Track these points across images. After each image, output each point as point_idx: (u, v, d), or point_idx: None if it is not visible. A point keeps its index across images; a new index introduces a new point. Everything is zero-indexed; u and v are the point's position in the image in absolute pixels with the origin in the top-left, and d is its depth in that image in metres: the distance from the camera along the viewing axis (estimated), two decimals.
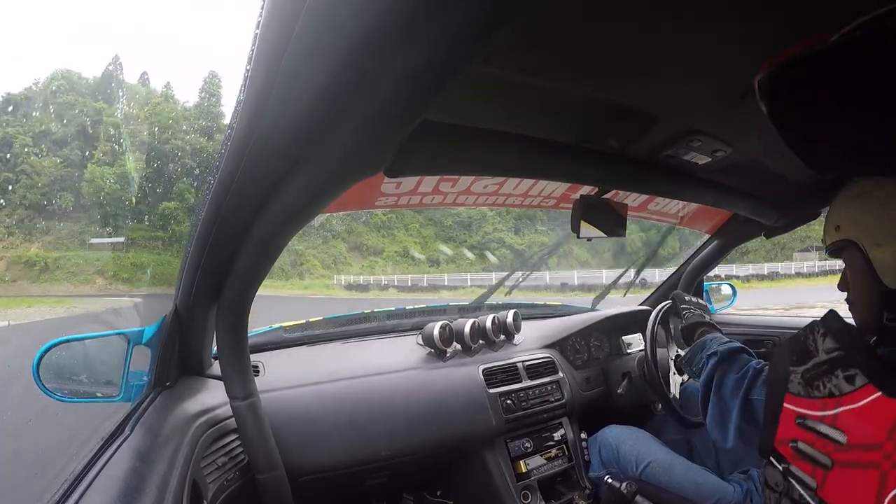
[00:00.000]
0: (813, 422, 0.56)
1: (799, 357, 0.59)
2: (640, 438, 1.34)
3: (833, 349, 0.56)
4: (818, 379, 0.56)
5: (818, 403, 0.56)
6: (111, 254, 29.56)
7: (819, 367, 0.57)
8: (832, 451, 0.54)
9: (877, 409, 0.50)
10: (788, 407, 0.59)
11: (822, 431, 0.55)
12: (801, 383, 0.58)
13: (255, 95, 0.46)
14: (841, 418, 0.53)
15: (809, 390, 0.57)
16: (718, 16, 0.49)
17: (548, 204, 1.23)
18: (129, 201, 32.29)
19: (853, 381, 0.53)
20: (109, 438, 0.80)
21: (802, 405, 0.58)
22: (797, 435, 0.58)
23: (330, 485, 1.19)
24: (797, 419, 0.58)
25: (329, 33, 0.37)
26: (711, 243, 1.73)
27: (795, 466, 0.57)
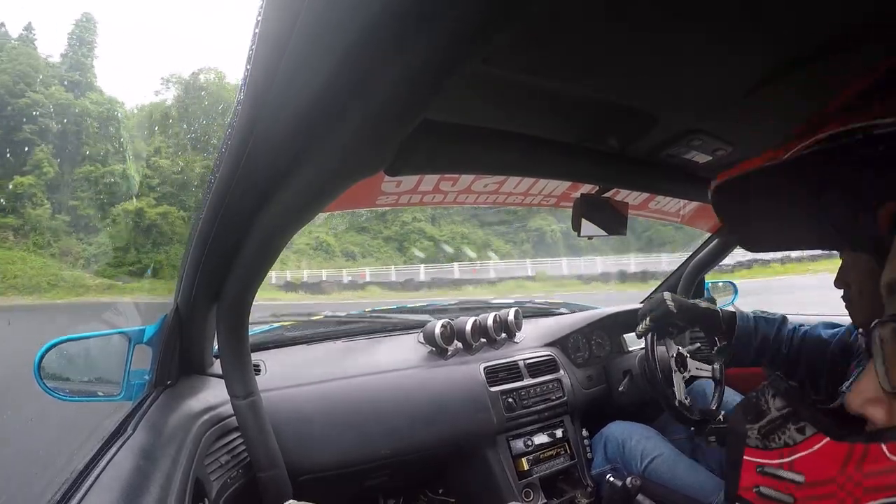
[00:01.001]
0: (772, 468, 0.63)
1: (754, 416, 0.67)
2: (646, 435, 1.34)
3: (783, 407, 0.64)
4: (773, 433, 0.64)
5: (775, 453, 0.63)
6: None
7: (773, 422, 0.64)
8: (794, 490, 0.61)
9: (827, 451, 0.58)
10: (748, 459, 0.66)
11: (781, 476, 0.62)
12: (758, 437, 0.66)
13: (254, 95, 0.46)
14: (797, 463, 0.61)
15: (766, 443, 0.64)
16: (719, 15, 0.49)
17: (548, 203, 1.23)
18: None
19: (804, 431, 0.61)
20: (112, 437, 0.80)
21: (761, 456, 0.65)
22: (759, 481, 0.64)
23: (331, 483, 1.19)
24: (758, 468, 0.65)
25: (328, 33, 0.37)
26: (712, 242, 1.73)
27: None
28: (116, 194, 26.01)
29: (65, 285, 22.01)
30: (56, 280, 22.07)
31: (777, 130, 0.79)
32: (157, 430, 0.83)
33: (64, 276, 22.37)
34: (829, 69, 0.59)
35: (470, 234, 27.63)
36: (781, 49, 0.56)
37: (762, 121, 0.77)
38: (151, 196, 26.02)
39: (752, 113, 0.73)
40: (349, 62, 0.38)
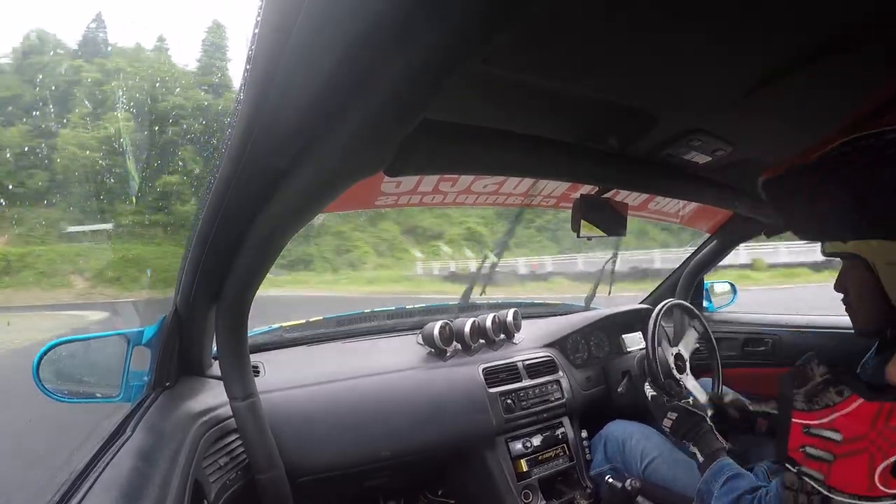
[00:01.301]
0: (815, 429, 0.72)
1: (799, 382, 0.75)
2: (646, 434, 1.34)
3: (825, 373, 0.73)
4: (816, 395, 0.73)
5: (817, 414, 0.72)
6: (94, 246, 21.68)
7: (816, 387, 0.73)
8: (832, 448, 0.69)
9: (861, 411, 0.67)
10: (796, 421, 0.74)
11: (823, 435, 0.70)
12: (803, 401, 0.74)
13: (254, 95, 0.46)
14: (836, 422, 0.70)
15: (811, 405, 0.73)
16: (719, 15, 0.49)
17: (548, 203, 1.23)
18: (114, 177, 24.03)
19: (842, 393, 0.70)
20: (111, 438, 0.80)
21: (806, 417, 0.73)
22: (805, 441, 0.73)
23: (330, 485, 1.19)
24: (804, 429, 0.73)
25: (328, 33, 0.37)
26: (711, 243, 1.73)
27: (806, 467, 0.72)
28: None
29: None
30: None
31: (777, 130, 0.79)
32: (155, 431, 0.83)
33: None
34: (829, 69, 0.59)
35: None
36: (781, 49, 0.56)
37: (762, 121, 0.77)
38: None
39: (752, 113, 0.73)
40: (349, 62, 0.38)
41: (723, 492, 0.97)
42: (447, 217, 27.88)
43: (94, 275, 20.22)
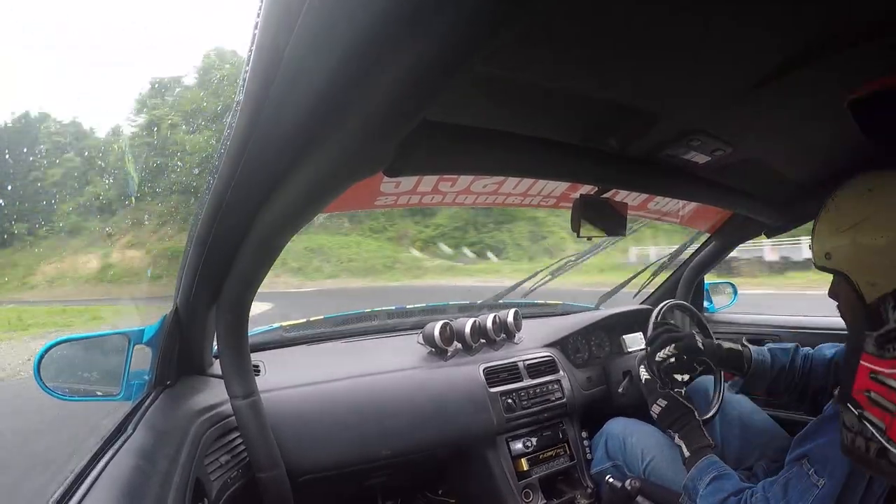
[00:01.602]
0: (884, 377, 0.69)
1: (873, 324, 0.72)
2: (647, 432, 1.34)
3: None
4: (889, 343, 0.69)
5: (888, 363, 0.69)
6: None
7: (889, 333, 0.69)
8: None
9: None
10: (864, 364, 0.72)
11: (890, 384, 0.68)
12: (874, 345, 0.71)
13: (253, 95, 0.46)
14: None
15: (882, 352, 0.70)
16: (719, 14, 0.49)
17: (548, 203, 1.23)
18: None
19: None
20: (111, 437, 0.80)
21: (875, 363, 0.70)
22: (871, 386, 0.70)
23: (331, 484, 1.19)
24: (871, 374, 0.70)
25: (328, 33, 0.37)
26: (711, 243, 1.73)
27: (868, 412, 0.70)
28: None
29: (401, 267, 20.38)
30: (391, 262, 20.73)
31: (777, 130, 0.79)
32: (156, 430, 0.83)
33: (400, 258, 20.88)
34: (830, 69, 0.60)
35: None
36: (781, 49, 0.56)
37: (762, 121, 0.77)
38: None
39: (751, 113, 0.73)
40: (349, 63, 0.38)
41: (708, 491, 0.97)
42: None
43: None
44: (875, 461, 0.69)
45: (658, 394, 1.19)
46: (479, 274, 16.87)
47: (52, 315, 13.87)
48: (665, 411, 1.16)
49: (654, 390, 1.20)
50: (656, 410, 1.18)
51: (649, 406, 1.21)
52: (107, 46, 59.64)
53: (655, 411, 1.18)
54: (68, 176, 29.42)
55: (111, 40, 61.33)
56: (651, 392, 1.21)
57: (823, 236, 0.81)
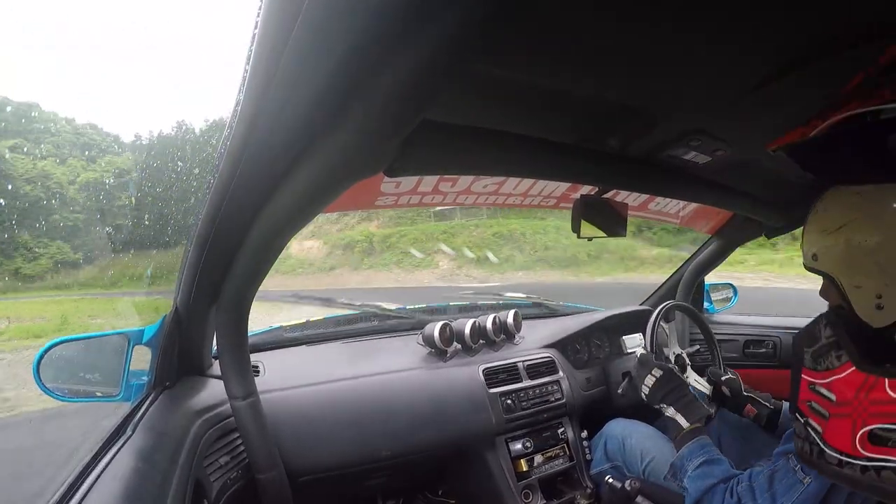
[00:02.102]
0: (818, 387, 0.77)
1: (809, 341, 0.80)
2: (646, 433, 1.34)
3: (830, 336, 0.76)
4: (821, 357, 0.77)
5: (821, 374, 0.77)
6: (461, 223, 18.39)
7: (822, 348, 0.77)
8: (828, 406, 0.75)
9: (850, 378, 0.72)
10: (804, 377, 0.80)
11: (822, 393, 0.76)
12: (811, 359, 0.79)
13: (253, 96, 0.46)
14: (833, 384, 0.75)
15: (816, 364, 0.78)
16: (720, 15, 0.49)
17: (548, 203, 1.23)
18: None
19: (841, 358, 0.74)
20: (111, 438, 0.80)
21: (812, 375, 0.78)
22: (810, 397, 0.78)
23: (331, 485, 1.19)
24: (809, 385, 0.79)
25: (328, 33, 0.37)
26: (711, 244, 1.73)
27: (811, 419, 0.78)
28: None
29: (609, 257, 15.56)
30: (598, 251, 15.83)
31: (777, 130, 0.79)
32: (156, 431, 0.83)
33: (609, 247, 15.57)
34: (830, 69, 0.59)
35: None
36: (781, 49, 0.56)
37: (762, 121, 0.77)
38: None
39: (752, 113, 0.73)
40: (349, 63, 0.38)
41: (697, 474, 0.98)
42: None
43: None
44: (818, 463, 0.76)
45: (652, 364, 1.18)
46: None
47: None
48: (659, 382, 1.15)
49: (648, 362, 1.20)
50: (649, 382, 1.17)
51: (640, 382, 1.20)
52: (107, 46, 59.70)
53: (648, 383, 1.17)
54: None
55: (111, 40, 61.37)
56: (644, 364, 1.21)
57: (811, 237, 0.84)
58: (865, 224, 0.76)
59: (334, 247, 19.95)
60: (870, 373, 0.70)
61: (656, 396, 1.15)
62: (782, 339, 1.69)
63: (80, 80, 60.76)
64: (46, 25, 64.27)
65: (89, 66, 60.76)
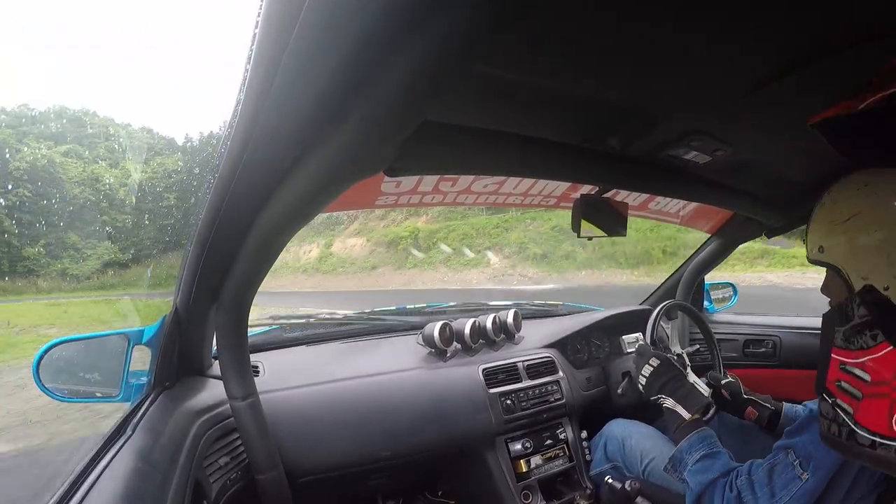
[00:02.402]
0: (850, 367, 0.75)
1: (841, 320, 0.78)
2: (646, 434, 1.34)
3: (864, 315, 0.74)
4: (854, 336, 0.75)
5: (853, 354, 0.75)
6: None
7: (854, 327, 0.75)
8: (861, 387, 0.73)
9: (888, 358, 0.70)
10: (834, 356, 0.78)
11: (855, 373, 0.74)
12: (842, 339, 0.77)
13: (254, 95, 0.46)
14: (866, 364, 0.72)
15: (848, 344, 0.76)
16: (720, 15, 0.49)
17: (548, 203, 1.23)
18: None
19: (876, 338, 0.72)
20: (111, 438, 0.80)
21: (843, 355, 0.76)
22: (840, 377, 0.76)
23: (330, 485, 1.19)
24: (840, 365, 0.77)
25: (329, 34, 0.36)
26: (712, 243, 1.73)
27: (840, 399, 0.76)
28: None
29: (686, 252, 4.28)
30: (673, 245, 12.43)
31: (777, 131, 0.79)
32: (156, 431, 0.83)
33: (685, 240, 10.83)
34: (830, 69, 0.59)
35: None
36: (781, 49, 0.56)
37: (762, 121, 0.77)
38: None
39: (752, 113, 0.73)
40: (350, 63, 0.38)
41: (697, 468, 0.97)
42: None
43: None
44: (846, 444, 0.75)
45: (650, 354, 1.18)
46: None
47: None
48: (656, 371, 1.14)
49: (645, 353, 1.20)
50: (646, 372, 1.16)
51: (637, 373, 1.20)
52: (107, 46, 59.67)
53: (645, 373, 1.16)
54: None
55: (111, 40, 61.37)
56: (642, 355, 1.20)
57: (818, 230, 0.82)
58: (874, 215, 0.75)
59: (377, 244, 18.80)
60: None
61: (654, 387, 1.14)
62: (782, 338, 1.69)
63: (80, 80, 60.89)
64: (46, 25, 64.36)
65: (89, 66, 60.80)
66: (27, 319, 12.35)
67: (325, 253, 20.35)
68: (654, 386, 1.14)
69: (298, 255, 21.05)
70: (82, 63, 60.71)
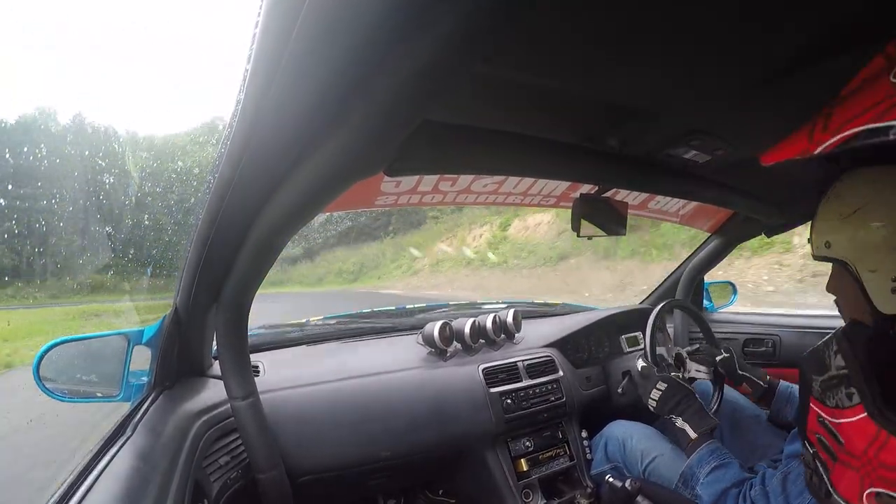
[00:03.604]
0: (827, 423, 0.70)
1: (818, 368, 0.73)
2: (647, 434, 1.34)
3: (841, 367, 0.69)
4: (830, 390, 0.70)
5: (829, 410, 0.70)
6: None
7: (831, 380, 0.70)
8: (836, 449, 0.68)
9: (861, 426, 0.64)
10: (813, 407, 0.73)
11: (832, 431, 0.69)
12: (819, 390, 0.72)
13: (254, 95, 0.46)
14: (843, 427, 0.67)
15: (825, 398, 0.71)
16: (720, 14, 0.49)
17: (548, 203, 1.23)
18: None
19: (851, 398, 0.66)
20: (111, 438, 0.80)
21: (821, 408, 0.72)
22: (818, 430, 0.72)
23: (331, 485, 1.19)
24: (818, 417, 0.72)
25: (329, 34, 0.36)
26: (711, 242, 1.73)
27: (819, 453, 0.72)
28: None
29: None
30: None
31: (777, 130, 0.79)
32: (156, 431, 0.83)
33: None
34: (829, 69, 0.59)
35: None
36: (781, 49, 0.56)
37: (762, 121, 0.77)
38: None
39: (752, 112, 0.73)
40: (350, 63, 0.38)
41: (708, 480, 0.98)
42: None
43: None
44: (825, 501, 0.71)
45: (655, 378, 1.18)
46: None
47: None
48: (665, 394, 1.15)
49: (650, 376, 1.20)
50: (655, 395, 1.17)
51: (645, 396, 1.20)
52: (107, 46, 59.61)
53: (654, 397, 1.17)
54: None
55: (111, 40, 61.33)
56: (647, 378, 1.21)
57: (824, 225, 0.80)
58: (881, 206, 0.73)
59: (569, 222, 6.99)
60: (882, 426, 0.63)
61: (664, 408, 1.16)
62: (782, 337, 1.69)
63: (81, 80, 60.84)
64: (46, 25, 64.29)
65: (89, 66, 60.77)
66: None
67: (497, 237, 14.52)
68: (665, 408, 1.15)
69: (466, 241, 15.52)
70: (82, 63, 60.76)
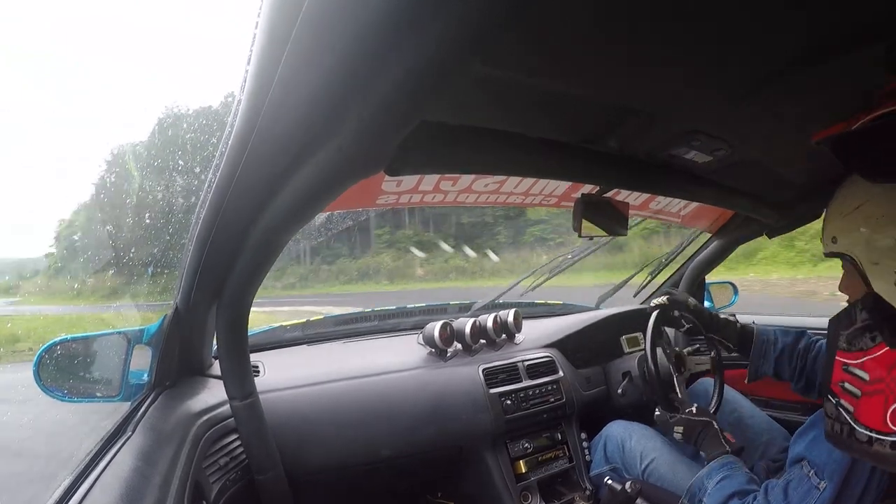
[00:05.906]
0: (851, 367, 0.80)
1: (845, 324, 0.83)
2: (646, 435, 1.34)
3: (865, 319, 0.80)
4: (856, 339, 0.80)
5: (854, 355, 0.80)
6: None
7: (856, 331, 0.81)
8: (861, 386, 0.78)
9: (884, 357, 0.75)
10: (838, 359, 0.83)
11: (856, 373, 0.79)
12: (845, 341, 0.82)
13: (254, 95, 0.46)
14: (865, 364, 0.78)
15: (850, 346, 0.81)
16: (720, 15, 0.49)
17: (549, 203, 1.23)
18: None
19: (875, 339, 0.77)
20: (111, 438, 0.80)
21: (846, 356, 0.82)
22: (843, 377, 0.81)
23: (330, 485, 1.19)
24: (843, 367, 0.82)
25: (328, 34, 0.36)
26: (712, 243, 1.73)
27: (842, 399, 0.81)
28: None
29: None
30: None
31: (778, 131, 0.79)
32: (156, 431, 0.83)
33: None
34: (829, 69, 0.59)
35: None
36: (781, 49, 0.56)
37: (762, 121, 0.77)
38: None
39: (752, 113, 0.73)
40: (349, 62, 0.38)
41: (715, 489, 0.99)
42: None
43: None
44: (847, 442, 0.79)
45: (671, 424, 1.20)
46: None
47: None
48: (685, 435, 1.17)
49: (666, 422, 1.22)
50: (678, 437, 1.19)
51: (668, 436, 1.24)
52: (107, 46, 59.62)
53: (677, 437, 1.20)
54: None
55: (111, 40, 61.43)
56: (664, 424, 1.23)
57: (831, 221, 0.86)
58: (882, 201, 0.77)
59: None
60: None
61: (690, 444, 1.18)
62: None
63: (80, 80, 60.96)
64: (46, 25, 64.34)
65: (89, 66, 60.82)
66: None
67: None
68: (690, 443, 1.17)
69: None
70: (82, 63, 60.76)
